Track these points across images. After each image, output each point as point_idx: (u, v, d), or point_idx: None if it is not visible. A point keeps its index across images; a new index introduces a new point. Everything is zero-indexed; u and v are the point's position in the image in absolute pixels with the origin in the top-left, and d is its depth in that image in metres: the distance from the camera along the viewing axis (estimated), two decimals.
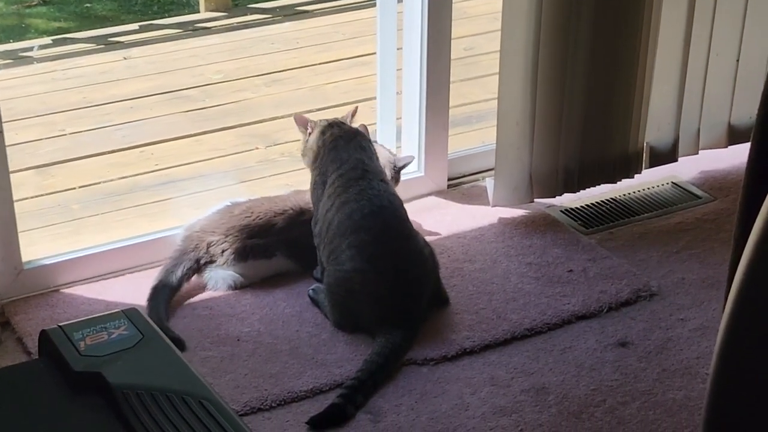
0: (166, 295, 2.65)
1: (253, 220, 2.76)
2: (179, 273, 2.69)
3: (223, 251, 2.73)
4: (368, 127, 2.83)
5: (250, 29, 4.75)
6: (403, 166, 2.96)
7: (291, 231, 2.77)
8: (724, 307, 1.74)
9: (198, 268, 2.73)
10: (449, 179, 3.24)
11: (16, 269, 2.70)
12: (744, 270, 1.41)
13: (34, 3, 5.38)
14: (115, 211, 3.26)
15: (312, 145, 2.76)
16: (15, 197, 2.69)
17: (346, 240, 2.57)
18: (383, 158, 2.86)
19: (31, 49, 4.52)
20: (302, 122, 2.82)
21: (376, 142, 2.92)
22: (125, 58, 4.42)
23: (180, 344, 2.47)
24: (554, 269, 2.85)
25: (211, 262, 2.74)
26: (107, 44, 4.58)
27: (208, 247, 2.73)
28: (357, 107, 2.87)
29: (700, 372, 2.50)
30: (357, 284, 2.55)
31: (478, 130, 3.71)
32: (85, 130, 3.78)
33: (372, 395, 2.40)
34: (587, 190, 3.15)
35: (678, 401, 2.41)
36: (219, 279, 2.75)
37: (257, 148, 3.66)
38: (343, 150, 2.70)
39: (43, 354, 1.92)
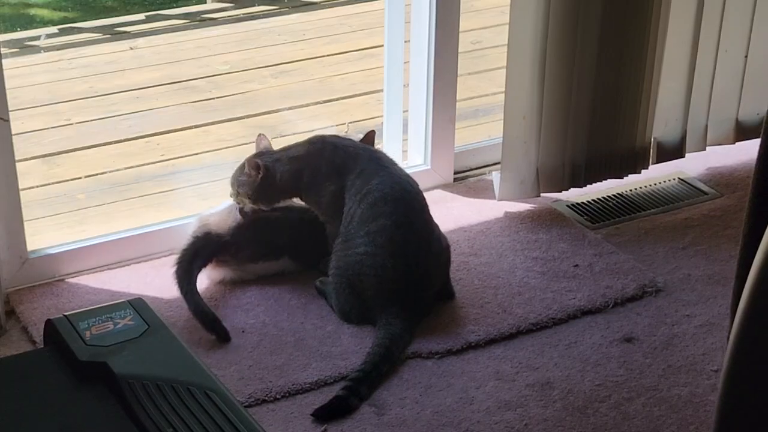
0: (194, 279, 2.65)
1: (264, 222, 2.74)
2: (198, 262, 2.68)
3: (236, 251, 2.72)
4: (375, 120, 2.82)
5: (257, 20, 4.75)
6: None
7: (300, 234, 2.76)
8: (731, 304, 1.74)
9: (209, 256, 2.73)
10: (455, 173, 3.23)
11: (22, 258, 2.70)
12: (759, 267, 1.40)
13: None
14: (120, 201, 3.26)
15: (285, 176, 2.68)
16: (20, 186, 2.68)
17: (366, 227, 2.56)
18: None
19: (38, 38, 4.51)
20: (256, 167, 2.68)
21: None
22: (132, 48, 4.42)
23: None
24: (560, 264, 2.85)
25: (223, 260, 2.73)
26: (114, 34, 4.58)
27: (223, 246, 2.72)
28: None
29: (705, 368, 2.49)
30: (367, 266, 2.55)
31: (485, 124, 3.71)
32: (91, 120, 3.78)
33: (377, 387, 2.40)
34: (594, 184, 3.15)
35: (683, 397, 2.41)
36: (226, 276, 2.74)
37: None
38: (348, 147, 2.68)
39: (48, 343, 1.93)
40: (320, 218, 2.71)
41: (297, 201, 2.78)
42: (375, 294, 2.56)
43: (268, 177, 2.67)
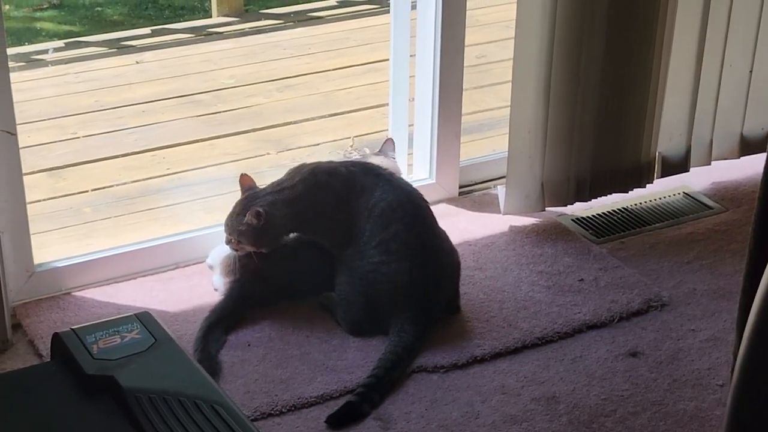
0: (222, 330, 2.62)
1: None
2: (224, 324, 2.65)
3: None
4: (380, 133, 2.83)
5: (262, 34, 4.77)
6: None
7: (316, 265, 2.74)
8: (736, 318, 1.74)
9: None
10: (460, 187, 3.24)
11: (28, 271, 2.71)
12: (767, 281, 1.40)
13: (44, 6, 5.39)
14: (126, 215, 3.27)
15: (286, 218, 2.63)
16: (27, 199, 2.69)
17: (377, 237, 2.57)
18: (389, 164, 2.88)
19: (45, 51, 4.53)
20: (257, 215, 2.61)
21: (367, 154, 2.94)
22: (138, 62, 4.44)
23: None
24: (565, 278, 2.85)
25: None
26: (120, 48, 4.60)
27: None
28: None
29: (711, 383, 2.49)
30: (382, 275, 2.56)
31: (490, 138, 3.71)
32: (97, 134, 3.80)
33: (388, 394, 2.41)
34: (599, 199, 3.15)
35: (689, 412, 2.40)
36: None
37: (269, 153, 3.67)
38: (339, 169, 2.67)
39: (55, 356, 1.92)
40: (327, 246, 2.67)
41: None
42: (390, 302, 2.56)
43: (269, 222, 2.62)
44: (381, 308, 2.57)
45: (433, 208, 2.73)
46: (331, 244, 2.67)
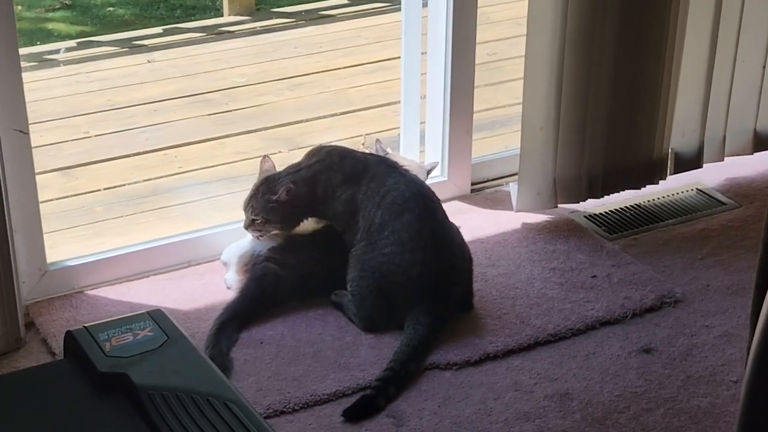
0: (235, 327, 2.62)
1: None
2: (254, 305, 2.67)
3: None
4: (391, 131, 2.83)
5: (273, 33, 4.77)
6: (431, 170, 3.01)
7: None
8: (750, 314, 1.73)
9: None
10: (473, 184, 3.24)
11: (41, 270, 2.71)
12: None
13: (56, 7, 5.41)
14: (138, 213, 3.27)
15: (302, 197, 2.67)
16: (39, 199, 2.69)
17: (389, 227, 2.58)
18: (412, 165, 2.88)
19: (57, 51, 4.54)
20: (289, 191, 2.66)
21: (388, 152, 2.93)
22: (149, 62, 4.44)
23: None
24: (578, 275, 2.84)
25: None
26: (131, 47, 4.60)
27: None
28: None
29: (725, 379, 2.48)
30: (395, 265, 2.56)
31: (502, 135, 3.71)
32: (108, 133, 3.80)
33: (404, 388, 2.42)
34: (611, 195, 3.14)
35: (703, 408, 2.40)
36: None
37: (280, 152, 3.67)
38: (355, 153, 2.70)
39: (68, 354, 1.93)
40: (337, 228, 2.71)
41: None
42: (404, 293, 2.56)
43: (292, 199, 2.67)
44: (395, 300, 2.57)
45: (445, 205, 2.74)
46: (341, 227, 2.68)
